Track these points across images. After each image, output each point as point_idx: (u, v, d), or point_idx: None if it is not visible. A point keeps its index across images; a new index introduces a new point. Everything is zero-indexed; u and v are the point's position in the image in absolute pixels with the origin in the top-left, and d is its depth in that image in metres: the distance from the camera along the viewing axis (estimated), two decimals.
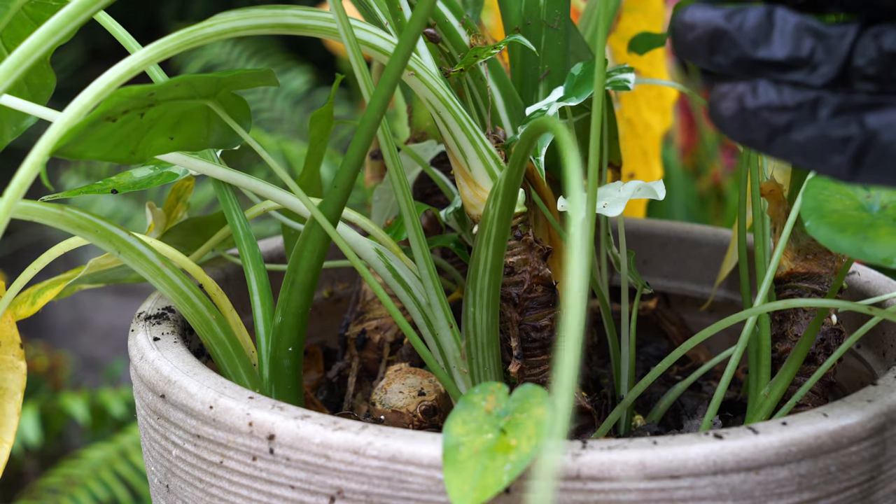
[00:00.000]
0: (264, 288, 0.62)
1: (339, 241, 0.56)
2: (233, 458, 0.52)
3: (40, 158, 0.47)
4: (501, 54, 0.66)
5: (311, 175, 0.70)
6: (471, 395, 0.49)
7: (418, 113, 0.75)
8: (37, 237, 2.21)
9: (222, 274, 0.72)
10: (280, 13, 0.55)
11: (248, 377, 0.61)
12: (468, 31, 0.63)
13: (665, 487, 0.48)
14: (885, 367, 0.64)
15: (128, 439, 1.71)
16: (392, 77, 0.53)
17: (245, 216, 0.64)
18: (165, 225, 0.69)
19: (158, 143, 0.56)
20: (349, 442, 0.49)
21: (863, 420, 0.51)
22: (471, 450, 0.47)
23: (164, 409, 0.56)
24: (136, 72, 0.52)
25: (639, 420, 0.64)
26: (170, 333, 0.61)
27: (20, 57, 0.49)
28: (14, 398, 0.59)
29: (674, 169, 1.66)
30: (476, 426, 0.48)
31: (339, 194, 0.56)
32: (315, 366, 0.76)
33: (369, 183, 0.80)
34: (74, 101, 0.50)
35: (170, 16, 2.68)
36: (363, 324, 0.71)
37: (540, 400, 0.48)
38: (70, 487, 1.65)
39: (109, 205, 1.93)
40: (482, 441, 0.47)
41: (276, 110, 2.06)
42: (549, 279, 0.59)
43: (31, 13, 0.64)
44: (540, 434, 0.47)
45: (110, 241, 0.57)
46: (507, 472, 0.46)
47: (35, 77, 0.65)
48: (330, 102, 0.66)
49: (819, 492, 0.50)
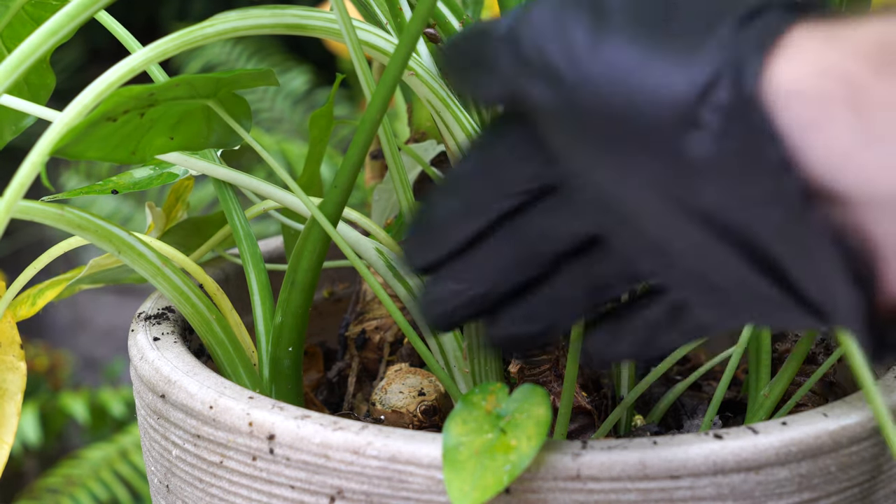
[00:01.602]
0: (264, 288, 0.62)
1: (339, 241, 0.56)
2: (233, 458, 0.52)
3: (40, 158, 0.47)
4: None
5: (311, 175, 0.70)
6: (471, 395, 0.50)
7: (418, 113, 0.75)
8: (37, 237, 2.21)
9: (222, 274, 0.71)
10: (280, 13, 0.55)
11: (248, 377, 0.61)
12: None
13: (665, 487, 0.48)
14: (885, 367, 0.64)
15: (128, 439, 1.71)
16: (392, 77, 0.53)
17: (245, 216, 0.64)
18: (165, 225, 0.69)
19: (158, 143, 0.56)
20: (349, 442, 0.49)
21: (863, 420, 0.51)
22: (471, 449, 0.47)
23: (164, 409, 0.56)
24: (136, 72, 0.52)
25: (639, 420, 0.64)
26: (170, 333, 0.61)
27: (20, 57, 0.49)
28: (14, 399, 0.59)
29: None
30: (476, 426, 0.48)
31: (339, 194, 0.56)
32: (315, 366, 0.76)
33: (369, 183, 0.80)
34: (74, 101, 0.50)
35: (170, 16, 2.68)
36: (363, 324, 0.71)
37: (540, 400, 0.48)
38: (70, 487, 1.65)
39: (109, 205, 1.93)
40: (482, 441, 0.47)
41: (276, 110, 2.05)
42: None
43: (32, 13, 0.64)
44: (541, 434, 0.47)
45: (110, 241, 0.57)
46: (507, 472, 0.46)
47: (35, 77, 0.65)
48: (330, 102, 0.66)
49: (819, 492, 0.50)
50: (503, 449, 0.47)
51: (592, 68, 0.39)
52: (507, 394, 0.49)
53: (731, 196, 0.38)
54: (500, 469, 0.46)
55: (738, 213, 0.38)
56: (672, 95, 0.37)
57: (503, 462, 0.46)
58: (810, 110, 0.36)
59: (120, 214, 1.94)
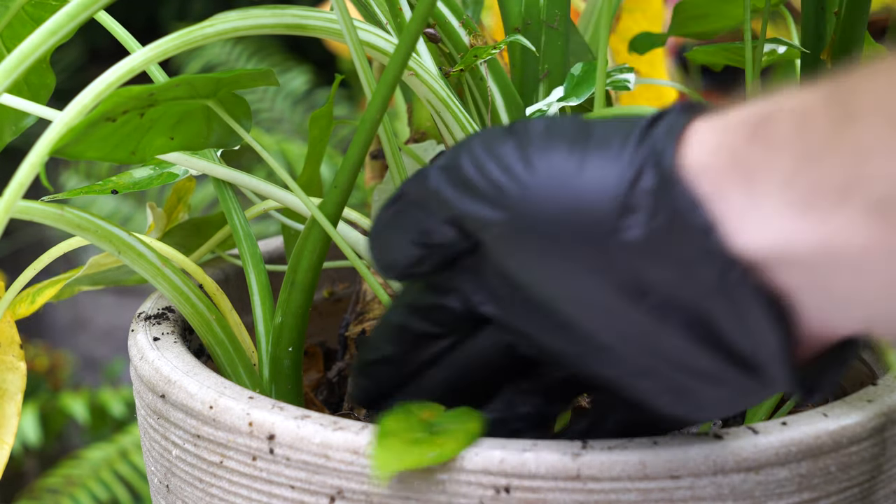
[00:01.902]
0: (264, 288, 0.62)
1: (339, 241, 0.56)
2: (233, 458, 0.52)
3: (39, 159, 0.47)
4: (501, 54, 0.66)
5: (311, 175, 0.70)
6: (409, 405, 0.51)
7: (418, 113, 0.75)
8: (37, 237, 2.20)
9: (222, 274, 0.71)
10: (280, 13, 0.55)
11: (248, 377, 0.61)
12: (468, 31, 0.63)
13: (665, 487, 0.48)
14: (885, 367, 0.64)
15: (128, 439, 1.71)
16: (392, 77, 0.53)
17: (245, 216, 0.64)
18: (166, 225, 0.69)
19: (158, 143, 0.56)
20: (349, 442, 0.49)
21: (863, 420, 0.51)
22: (401, 440, 0.48)
23: (164, 409, 0.56)
24: (135, 72, 0.52)
25: None
26: (170, 333, 0.61)
27: (20, 56, 0.49)
28: (14, 399, 0.59)
29: None
30: (408, 426, 0.49)
31: (339, 194, 0.56)
32: (315, 366, 0.76)
33: (369, 183, 0.80)
34: (74, 101, 0.50)
35: (170, 16, 2.67)
36: (363, 324, 0.71)
37: (475, 417, 0.50)
38: (70, 487, 1.65)
39: (109, 205, 1.93)
40: (412, 437, 0.49)
41: (276, 110, 2.05)
42: None
43: (32, 13, 0.64)
44: (469, 441, 0.48)
45: (110, 241, 0.57)
46: (431, 458, 0.47)
47: (34, 77, 0.65)
48: (330, 102, 0.66)
49: (819, 492, 0.50)
50: (430, 445, 0.48)
51: (532, 179, 0.44)
52: (443, 412, 0.51)
53: (665, 267, 0.42)
54: (423, 454, 0.48)
55: (675, 281, 0.42)
56: (609, 189, 0.42)
57: (428, 451, 0.48)
58: (712, 184, 0.41)
59: (120, 214, 1.94)
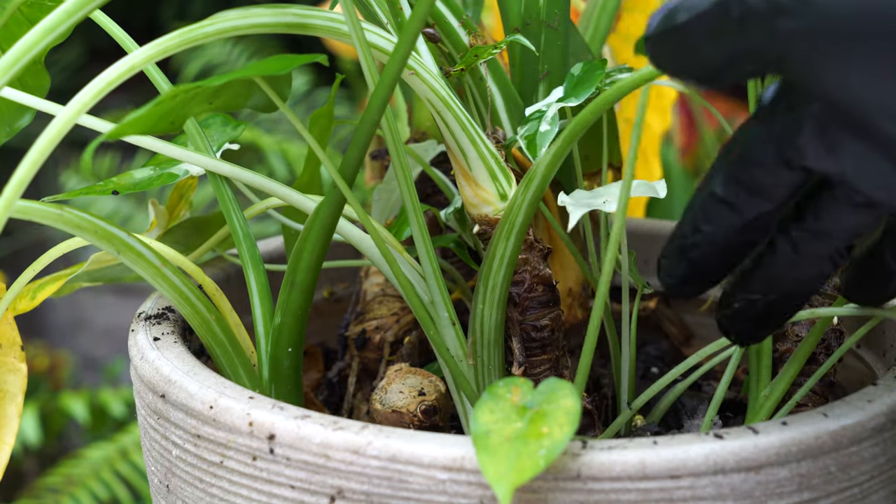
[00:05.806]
0: (264, 288, 0.62)
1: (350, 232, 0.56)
2: (233, 458, 0.52)
3: (39, 157, 0.47)
4: (501, 54, 0.66)
5: (311, 175, 0.70)
6: (495, 388, 0.50)
7: (418, 113, 0.75)
8: (37, 237, 2.21)
9: (222, 274, 0.71)
10: (281, 12, 0.55)
11: (248, 377, 0.61)
12: (468, 31, 0.63)
13: (665, 487, 0.48)
14: (885, 367, 0.64)
15: (128, 439, 1.71)
16: (392, 76, 0.53)
17: (244, 216, 0.64)
18: (168, 223, 0.69)
19: (197, 110, 0.55)
20: (349, 442, 0.49)
21: (863, 420, 0.51)
22: (501, 436, 0.47)
23: (164, 408, 0.56)
24: (136, 70, 0.52)
25: (639, 420, 0.64)
26: (170, 333, 0.61)
27: (16, 54, 0.49)
28: (15, 400, 0.59)
29: (673, 169, 1.66)
30: (504, 415, 0.48)
31: (340, 194, 0.56)
32: (315, 366, 0.76)
33: (369, 183, 0.80)
34: (74, 99, 0.50)
35: (169, 16, 2.68)
36: (363, 324, 0.71)
37: (567, 392, 0.48)
38: (70, 487, 1.65)
39: (109, 205, 1.93)
40: (513, 429, 0.47)
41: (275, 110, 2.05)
42: (550, 279, 0.59)
43: (28, 14, 0.64)
44: (572, 423, 0.47)
45: (110, 241, 0.57)
46: (543, 456, 0.46)
47: (30, 77, 0.65)
48: (330, 102, 0.66)
49: (819, 492, 0.50)
50: (535, 436, 0.47)
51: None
52: (531, 388, 0.49)
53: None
54: (535, 454, 0.46)
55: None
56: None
57: (537, 447, 0.46)
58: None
59: (120, 214, 1.94)
